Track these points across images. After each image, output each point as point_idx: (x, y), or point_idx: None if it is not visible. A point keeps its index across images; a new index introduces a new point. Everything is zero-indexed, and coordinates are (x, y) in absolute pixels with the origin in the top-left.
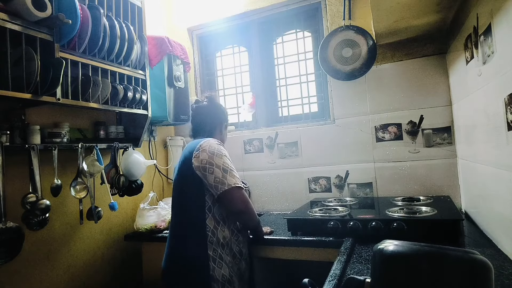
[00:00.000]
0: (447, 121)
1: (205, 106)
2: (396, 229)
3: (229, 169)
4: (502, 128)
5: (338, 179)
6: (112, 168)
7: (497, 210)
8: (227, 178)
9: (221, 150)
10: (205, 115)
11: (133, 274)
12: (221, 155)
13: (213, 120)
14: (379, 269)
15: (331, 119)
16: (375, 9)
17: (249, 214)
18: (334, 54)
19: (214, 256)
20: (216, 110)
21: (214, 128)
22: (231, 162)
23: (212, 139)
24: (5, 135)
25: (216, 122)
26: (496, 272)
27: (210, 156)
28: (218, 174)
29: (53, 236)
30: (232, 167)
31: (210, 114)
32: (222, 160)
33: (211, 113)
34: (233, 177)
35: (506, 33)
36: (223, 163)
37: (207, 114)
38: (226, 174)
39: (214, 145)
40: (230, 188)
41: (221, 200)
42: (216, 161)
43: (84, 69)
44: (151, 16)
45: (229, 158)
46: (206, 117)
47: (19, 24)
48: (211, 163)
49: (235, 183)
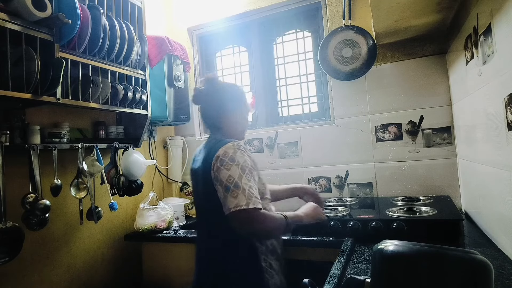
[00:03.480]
0: (447, 121)
1: (203, 93)
2: (396, 229)
3: (231, 186)
4: (502, 128)
5: (338, 179)
6: (112, 168)
7: (497, 210)
8: (228, 199)
9: (235, 158)
10: (206, 103)
11: (133, 274)
12: (229, 166)
13: (217, 110)
14: (379, 269)
15: (331, 119)
16: (375, 9)
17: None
18: (334, 54)
19: (266, 267)
20: (218, 94)
21: (220, 120)
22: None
23: (229, 144)
24: (5, 135)
25: (222, 111)
26: (496, 272)
27: (218, 169)
28: (220, 193)
29: (53, 236)
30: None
31: (212, 102)
32: (228, 173)
33: (213, 100)
34: (236, 196)
35: (506, 33)
36: (227, 177)
37: (208, 102)
38: (227, 193)
39: (228, 153)
40: (229, 214)
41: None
42: (221, 176)
43: (84, 69)
44: (151, 16)
45: (243, 164)
46: (207, 106)
47: (19, 24)
48: (217, 177)
49: (237, 206)
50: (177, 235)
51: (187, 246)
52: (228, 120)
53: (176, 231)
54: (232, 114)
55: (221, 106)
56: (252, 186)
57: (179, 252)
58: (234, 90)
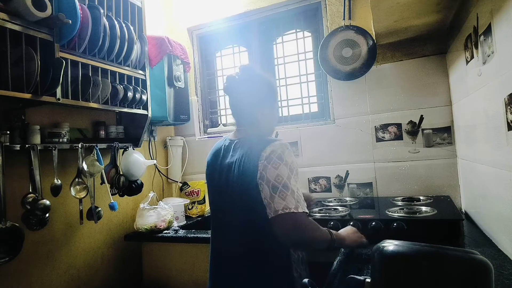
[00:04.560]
0: (447, 121)
1: (237, 81)
2: (396, 229)
3: (280, 186)
4: (502, 128)
5: (338, 179)
6: (112, 168)
7: (497, 210)
8: (275, 200)
9: (283, 156)
10: (239, 94)
11: (133, 274)
12: (277, 164)
13: (253, 102)
14: (379, 269)
15: (331, 119)
16: (375, 9)
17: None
18: (334, 54)
19: (297, 277)
20: (255, 85)
21: (254, 113)
22: (291, 172)
23: (276, 143)
24: (5, 135)
25: (258, 104)
26: (496, 272)
27: (265, 167)
28: (266, 193)
29: (53, 236)
30: (287, 182)
31: (247, 93)
32: (276, 172)
33: (250, 90)
34: (284, 198)
35: (506, 33)
36: (276, 176)
37: (242, 92)
38: (275, 194)
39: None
40: (276, 216)
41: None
42: (268, 174)
43: (84, 69)
44: (151, 16)
45: (292, 164)
46: (241, 97)
47: (19, 24)
48: (263, 176)
49: (285, 208)
50: (177, 235)
51: (187, 246)
52: (262, 114)
53: (176, 231)
54: (268, 108)
55: (257, 97)
56: (300, 188)
57: (179, 252)
58: (271, 82)
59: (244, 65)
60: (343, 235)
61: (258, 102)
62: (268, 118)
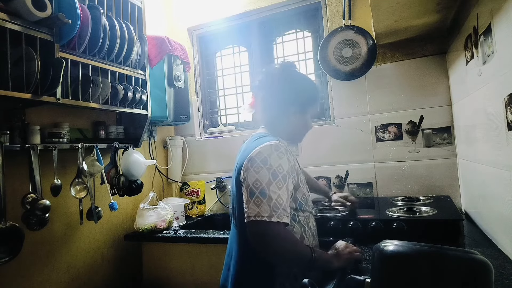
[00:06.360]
0: (447, 121)
1: (274, 74)
2: (396, 229)
3: (257, 192)
4: (502, 128)
5: (338, 179)
6: (112, 168)
7: (497, 210)
8: (250, 206)
9: (267, 160)
10: (270, 88)
11: (133, 274)
12: (259, 168)
13: (279, 99)
14: (379, 269)
15: (331, 119)
16: (375, 9)
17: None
18: (334, 54)
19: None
20: (289, 85)
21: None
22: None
23: (266, 144)
24: (5, 135)
25: (283, 103)
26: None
27: (247, 169)
28: (245, 197)
29: (53, 236)
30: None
31: (277, 89)
32: (256, 176)
33: (281, 87)
34: (259, 205)
35: (506, 33)
36: (255, 180)
37: (273, 88)
38: (251, 199)
39: (263, 154)
40: (248, 222)
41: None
42: (249, 178)
43: (84, 69)
44: (151, 16)
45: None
46: (270, 92)
47: (19, 24)
48: (245, 179)
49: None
50: (177, 235)
51: (187, 246)
52: (288, 120)
53: (176, 231)
54: (297, 115)
55: (286, 97)
56: (282, 196)
57: (179, 252)
58: (310, 85)
59: (285, 62)
60: (328, 257)
61: (288, 105)
62: (296, 124)
